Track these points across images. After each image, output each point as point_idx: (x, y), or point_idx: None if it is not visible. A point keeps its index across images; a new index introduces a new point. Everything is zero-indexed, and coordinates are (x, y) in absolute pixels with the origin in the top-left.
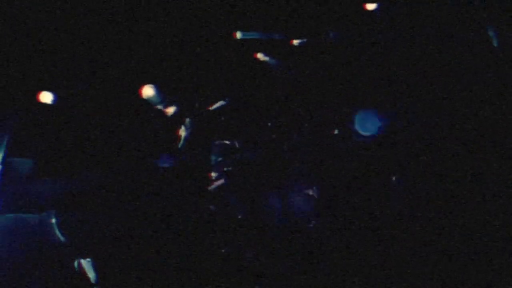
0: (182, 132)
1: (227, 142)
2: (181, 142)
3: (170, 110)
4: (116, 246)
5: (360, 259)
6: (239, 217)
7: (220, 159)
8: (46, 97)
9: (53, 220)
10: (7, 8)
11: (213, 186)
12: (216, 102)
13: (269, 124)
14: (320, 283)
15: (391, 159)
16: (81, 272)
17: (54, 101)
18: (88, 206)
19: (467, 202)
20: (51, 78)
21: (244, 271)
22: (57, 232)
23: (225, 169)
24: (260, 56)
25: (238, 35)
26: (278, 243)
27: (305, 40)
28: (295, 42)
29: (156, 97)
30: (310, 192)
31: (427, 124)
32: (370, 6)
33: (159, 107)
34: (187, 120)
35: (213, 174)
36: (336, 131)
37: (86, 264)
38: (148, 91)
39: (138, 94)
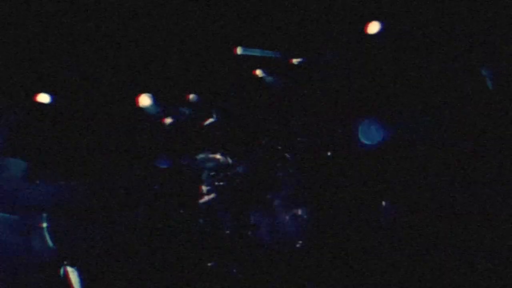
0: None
1: (220, 156)
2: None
3: (167, 120)
4: (105, 256)
5: (346, 279)
6: (227, 232)
7: (212, 173)
8: (43, 98)
9: (44, 224)
10: (7, 11)
11: (203, 200)
12: (211, 115)
13: (263, 141)
14: None
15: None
16: (66, 278)
17: (51, 103)
18: (81, 214)
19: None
20: (50, 81)
21: (229, 286)
22: (47, 237)
23: (216, 183)
24: (259, 72)
25: (239, 50)
26: (264, 260)
27: (304, 59)
28: (295, 61)
29: (153, 106)
30: (299, 212)
31: (429, 133)
32: (371, 30)
33: (155, 117)
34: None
35: (204, 188)
36: (329, 153)
37: (71, 271)
38: (145, 100)
39: (134, 102)
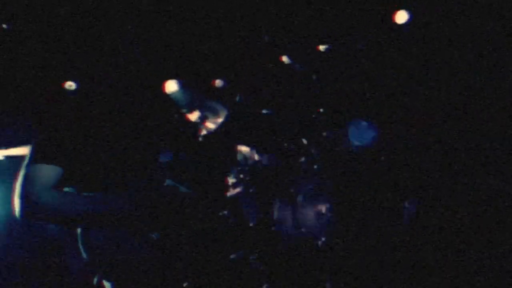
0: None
1: (246, 149)
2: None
3: (194, 112)
4: (137, 268)
5: (368, 278)
6: (251, 225)
7: (239, 166)
8: (70, 86)
9: (78, 231)
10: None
11: (230, 194)
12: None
13: (289, 134)
14: None
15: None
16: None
17: (77, 89)
18: (116, 226)
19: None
20: (74, 68)
21: (249, 279)
22: (80, 246)
23: (242, 176)
24: (285, 59)
25: (266, 39)
26: (286, 255)
27: (331, 46)
28: (321, 47)
29: (180, 92)
30: (323, 210)
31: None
32: (399, 19)
33: (184, 107)
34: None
35: (230, 181)
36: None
37: (105, 282)
38: (171, 86)
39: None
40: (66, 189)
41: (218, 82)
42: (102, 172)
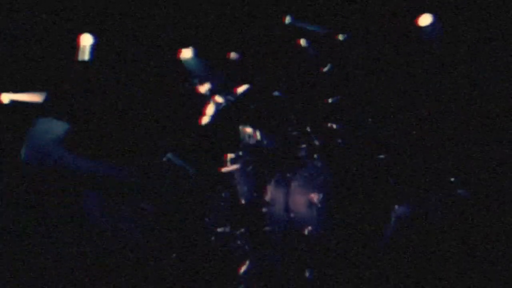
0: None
1: (249, 128)
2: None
3: (205, 83)
4: (127, 239)
5: (358, 270)
6: (243, 202)
7: (240, 143)
8: (86, 39)
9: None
10: None
11: (227, 169)
12: (246, 84)
13: (295, 119)
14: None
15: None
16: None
17: (94, 44)
18: (113, 192)
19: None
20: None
21: (233, 254)
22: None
23: (241, 154)
24: (302, 42)
25: (287, 19)
26: (271, 236)
27: (349, 36)
28: (340, 36)
29: (194, 60)
30: (315, 199)
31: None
32: (423, 22)
33: (196, 76)
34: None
35: (229, 157)
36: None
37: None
38: (186, 53)
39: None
40: (71, 146)
41: (233, 55)
42: (108, 137)
